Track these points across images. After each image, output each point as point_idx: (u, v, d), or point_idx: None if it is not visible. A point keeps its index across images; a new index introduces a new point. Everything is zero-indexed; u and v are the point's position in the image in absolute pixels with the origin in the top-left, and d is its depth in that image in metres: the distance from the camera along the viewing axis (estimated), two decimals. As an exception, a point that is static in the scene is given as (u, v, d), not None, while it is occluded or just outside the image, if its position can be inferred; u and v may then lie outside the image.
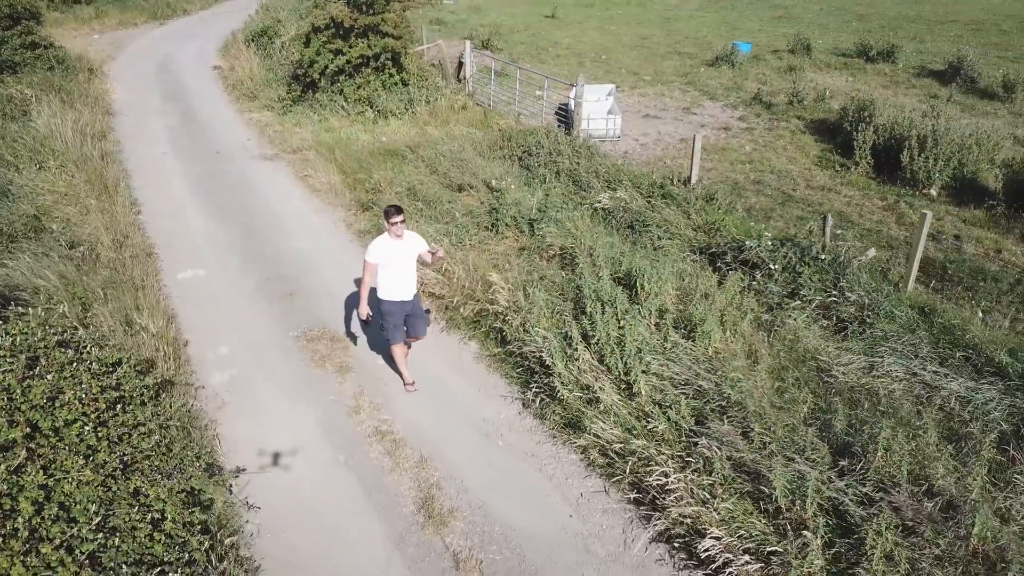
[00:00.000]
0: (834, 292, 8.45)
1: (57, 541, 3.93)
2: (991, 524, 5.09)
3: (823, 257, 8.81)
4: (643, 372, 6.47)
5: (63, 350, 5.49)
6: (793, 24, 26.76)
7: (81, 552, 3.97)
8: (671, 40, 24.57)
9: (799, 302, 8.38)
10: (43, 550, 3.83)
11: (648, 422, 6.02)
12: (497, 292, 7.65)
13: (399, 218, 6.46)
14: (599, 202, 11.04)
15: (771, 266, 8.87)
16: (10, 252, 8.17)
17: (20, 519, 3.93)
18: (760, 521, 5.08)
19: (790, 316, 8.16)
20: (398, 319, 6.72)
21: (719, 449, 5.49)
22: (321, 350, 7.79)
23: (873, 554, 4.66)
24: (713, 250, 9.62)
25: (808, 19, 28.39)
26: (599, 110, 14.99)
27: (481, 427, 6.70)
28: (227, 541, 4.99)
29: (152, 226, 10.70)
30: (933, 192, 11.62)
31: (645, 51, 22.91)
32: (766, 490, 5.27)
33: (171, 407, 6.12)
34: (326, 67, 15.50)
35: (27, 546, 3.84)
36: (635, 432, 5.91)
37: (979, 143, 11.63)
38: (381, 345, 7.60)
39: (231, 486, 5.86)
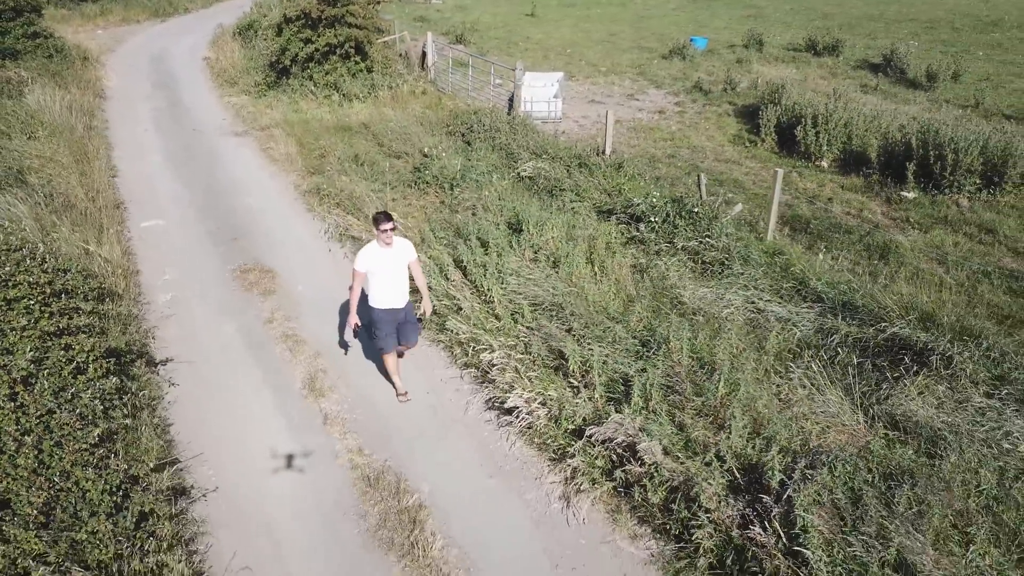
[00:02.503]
0: (702, 239, 9.77)
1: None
2: (748, 389, 6.41)
3: (696, 211, 10.13)
4: (501, 288, 7.84)
5: (20, 252, 6.93)
6: (760, 22, 28.05)
7: (15, 374, 5.39)
8: (637, 36, 25.94)
9: (671, 247, 9.72)
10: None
11: (496, 322, 7.40)
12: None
13: (388, 225, 6.21)
14: (524, 170, 12.40)
15: (651, 219, 10.20)
16: (-7, 196, 9.66)
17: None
18: (559, 385, 6.43)
19: (661, 259, 9.49)
20: (390, 327, 6.58)
21: (536, 335, 6.86)
22: (251, 279, 9.23)
23: (632, 397, 5.99)
24: (610, 208, 10.97)
25: (775, 17, 29.67)
26: (543, 94, 16.36)
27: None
28: (141, 394, 6.40)
29: (125, 186, 12.19)
30: (824, 163, 12.93)
31: (610, 46, 24.29)
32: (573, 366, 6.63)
33: (112, 309, 7.55)
34: (296, 55, 17.00)
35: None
36: (481, 327, 7.28)
37: (866, 121, 12.91)
38: (375, 353, 7.40)
39: (159, 369, 7.29)
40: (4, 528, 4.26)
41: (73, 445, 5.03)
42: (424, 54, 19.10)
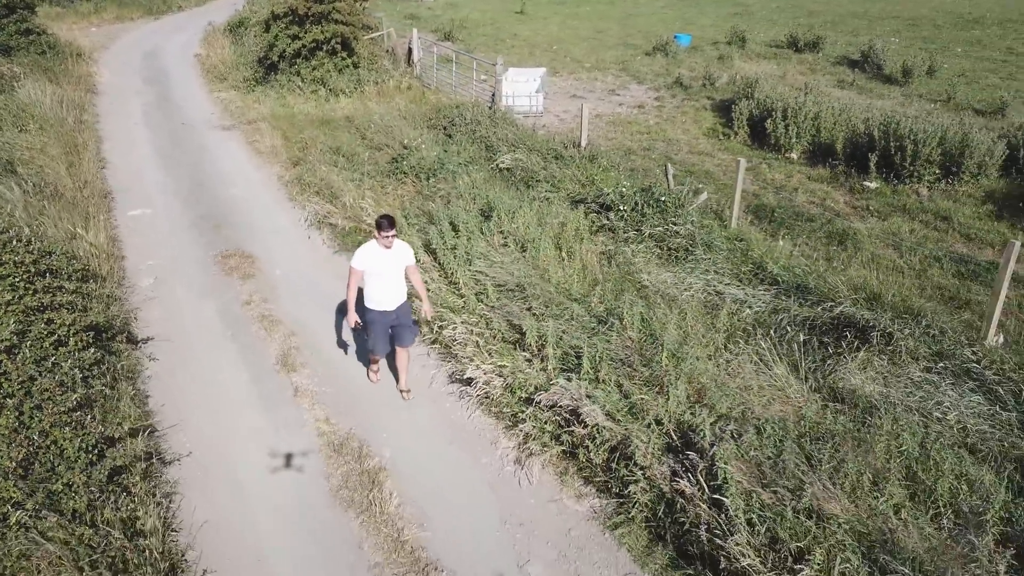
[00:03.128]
0: (668, 227, 10.13)
1: (-17, 335, 5.71)
2: (693, 362, 6.77)
3: (663, 199, 10.49)
4: (468, 270, 8.21)
5: (7, 234, 7.29)
6: (746, 20, 28.44)
7: (2, 352, 5.75)
8: (624, 33, 26.32)
9: (639, 235, 10.08)
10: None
11: (460, 301, 7.77)
12: (366, 214, 9.44)
13: (391, 232, 6.20)
14: (502, 162, 12.77)
15: (620, 207, 10.56)
16: (-17, 184, 10.03)
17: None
18: (516, 358, 6.81)
19: (628, 246, 9.86)
20: (380, 329, 6.57)
21: (498, 312, 7.23)
22: (232, 264, 9.59)
23: (582, 368, 6.37)
24: (583, 198, 11.34)
25: (762, 15, 30.06)
26: (524, 89, 16.73)
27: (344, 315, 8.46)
28: (120, 367, 6.77)
29: (113, 177, 12.55)
30: (793, 155, 13.32)
31: (595, 42, 24.66)
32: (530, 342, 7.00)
33: (96, 290, 7.92)
34: (284, 51, 17.36)
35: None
36: (447, 306, 7.66)
37: (834, 114, 13.29)
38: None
39: (140, 346, 7.65)
40: (-15, 478, 4.64)
41: (52, 408, 5.40)
42: (410, 50, 19.46)
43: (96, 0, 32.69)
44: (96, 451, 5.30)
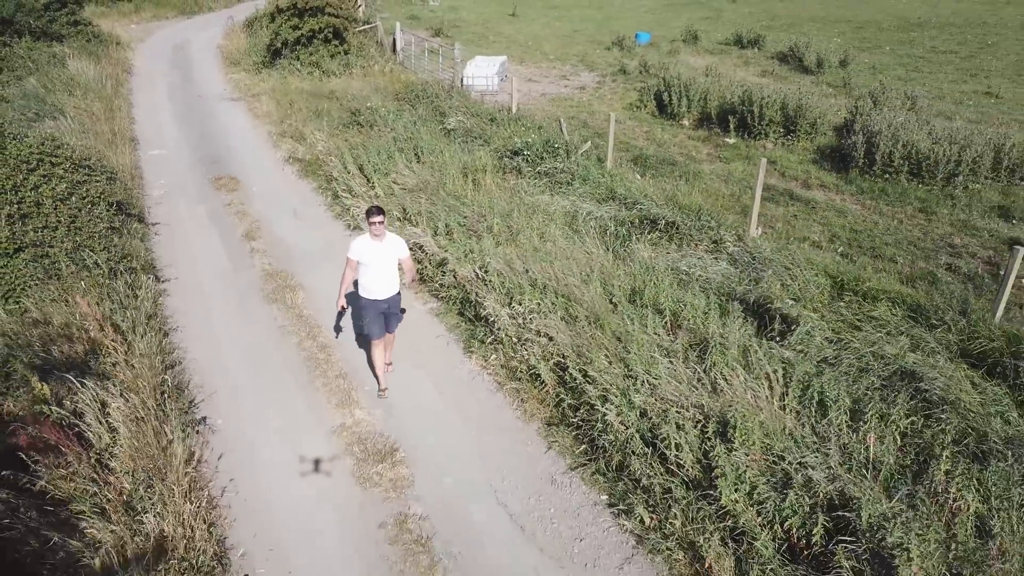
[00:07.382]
0: (556, 165, 13.19)
1: (46, 192, 8.99)
2: (523, 234, 9.85)
3: (557, 147, 13.57)
4: (386, 179, 11.40)
5: (60, 141, 10.65)
6: (713, 23, 31.38)
7: (56, 195, 9.04)
8: (598, 32, 29.42)
9: (534, 171, 13.16)
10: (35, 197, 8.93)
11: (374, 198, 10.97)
12: (319, 144, 12.70)
13: (378, 218, 6.60)
14: (448, 124, 15.95)
15: (525, 152, 13.65)
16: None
17: (28, 191, 8.95)
18: (401, 226, 9.96)
19: (525, 179, 12.95)
20: (374, 314, 6.99)
21: (395, 200, 10.41)
22: (222, 183, 12.89)
23: (440, 228, 9.51)
24: (501, 147, 14.44)
25: (730, 19, 32.94)
26: (483, 72, 19.93)
27: (296, 212, 11.67)
28: (134, 229, 10.05)
29: (140, 130, 15.98)
30: (686, 122, 16.32)
31: (568, 40, 27.81)
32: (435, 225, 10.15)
33: (120, 187, 11.25)
34: (286, 39, 20.75)
35: (33, 192, 8.92)
36: (363, 199, 10.85)
37: (720, 89, 16.28)
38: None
39: (149, 226, 10.95)
40: (50, 252, 7.92)
41: (87, 230, 8.68)
42: (394, 41, 22.78)
43: (136, 0, 36.62)
44: (114, 256, 8.56)
